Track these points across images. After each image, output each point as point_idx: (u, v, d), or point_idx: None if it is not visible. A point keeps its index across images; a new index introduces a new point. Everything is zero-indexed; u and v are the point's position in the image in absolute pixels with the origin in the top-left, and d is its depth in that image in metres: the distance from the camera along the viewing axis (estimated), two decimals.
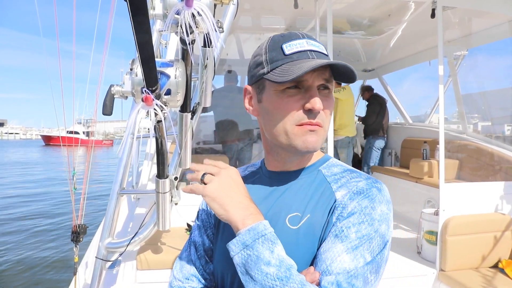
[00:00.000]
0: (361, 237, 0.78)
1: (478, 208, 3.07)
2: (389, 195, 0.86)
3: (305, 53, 0.85)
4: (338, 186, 0.87)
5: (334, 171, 0.92)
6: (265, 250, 0.75)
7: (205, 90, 1.62)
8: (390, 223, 0.83)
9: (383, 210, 0.81)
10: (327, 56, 0.87)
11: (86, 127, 19.33)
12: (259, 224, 0.78)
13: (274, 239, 0.77)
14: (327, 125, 0.88)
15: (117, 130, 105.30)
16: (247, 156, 4.80)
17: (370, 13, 4.05)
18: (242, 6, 3.71)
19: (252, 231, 0.76)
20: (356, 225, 0.79)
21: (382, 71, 6.36)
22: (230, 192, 0.83)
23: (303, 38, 0.87)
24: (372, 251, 0.78)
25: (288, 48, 0.85)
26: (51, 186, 15.61)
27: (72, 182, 2.59)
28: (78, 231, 2.45)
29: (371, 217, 0.80)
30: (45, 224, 9.38)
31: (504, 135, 4.67)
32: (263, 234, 0.76)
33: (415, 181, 4.35)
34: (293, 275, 0.74)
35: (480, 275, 2.82)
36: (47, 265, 6.67)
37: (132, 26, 0.80)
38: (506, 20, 3.69)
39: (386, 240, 0.81)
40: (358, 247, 0.77)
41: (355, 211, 0.80)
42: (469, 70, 5.01)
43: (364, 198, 0.82)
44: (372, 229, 0.79)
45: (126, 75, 1.20)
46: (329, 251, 0.78)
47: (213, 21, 0.90)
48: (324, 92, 0.86)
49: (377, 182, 0.86)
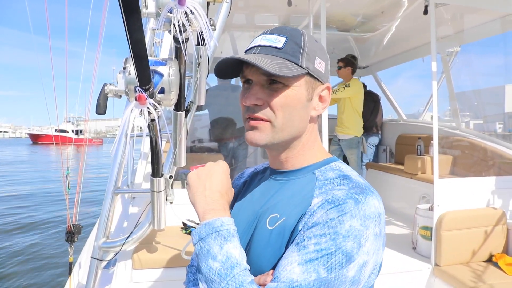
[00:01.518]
0: (319, 250, 0.73)
1: (472, 203, 3.10)
2: (374, 209, 0.78)
3: (252, 49, 0.88)
4: (320, 192, 0.83)
5: (328, 176, 0.88)
6: (215, 245, 0.77)
7: (199, 88, 1.61)
8: (365, 241, 0.75)
9: (353, 226, 0.74)
10: (279, 49, 0.85)
11: (75, 126, 19.10)
12: (216, 220, 0.80)
13: (229, 236, 0.78)
14: (279, 120, 0.86)
15: (109, 129, 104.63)
16: (242, 154, 4.80)
17: (363, 10, 4.06)
18: (236, 4, 3.70)
19: (207, 225, 0.80)
20: (317, 237, 0.74)
21: (376, 68, 6.37)
22: (204, 183, 0.88)
23: (265, 33, 0.90)
24: (329, 267, 0.72)
25: (250, 43, 0.91)
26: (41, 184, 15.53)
27: (66, 182, 2.58)
28: (72, 231, 2.44)
29: (335, 231, 0.73)
30: (38, 223, 9.32)
31: (497, 133, 4.70)
32: (218, 230, 0.78)
33: (409, 177, 4.37)
34: (234, 274, 0.74)
35: (474, 269, 2.84)
36: (41, 265, 6.63)
37: (125, 25, 0.80)
38: (497, 16, 3.72)
39: (352, 259, 0.73)
40: (312, 260, 0.72)
41: (319, 221, 0.76)
42: (461, 67, 5.04)
43: (334, 209, 0.76)
44: (333, 244, 0.73)
45: (119, 74, 1.20)
46: (285, 258, 0.76)
47: (205, 20, 0.91)
48: (274, 86, 0.85)
49: (362, 193, 0.79)
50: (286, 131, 0.88)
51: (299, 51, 0.86)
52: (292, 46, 0.86)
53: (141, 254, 2.36)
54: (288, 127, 0.87)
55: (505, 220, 3.06)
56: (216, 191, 0.87)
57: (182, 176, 3.27)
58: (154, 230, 2.15)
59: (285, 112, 0.86)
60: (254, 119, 0.87)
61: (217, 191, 0.87)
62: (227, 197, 0.90)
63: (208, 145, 5.01)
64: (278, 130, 0.87)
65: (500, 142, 4.05)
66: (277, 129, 0.87)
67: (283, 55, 0.85)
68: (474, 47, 4.82)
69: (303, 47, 0.87)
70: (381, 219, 0.79)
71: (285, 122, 0.87)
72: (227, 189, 0.90)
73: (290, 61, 0.84)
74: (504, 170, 3.75)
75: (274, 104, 0.85)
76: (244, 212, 0.97)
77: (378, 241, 0.78)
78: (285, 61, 0.84)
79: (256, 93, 0.86)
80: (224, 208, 0.85)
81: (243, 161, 4.75)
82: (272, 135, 0.87)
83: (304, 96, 0.88)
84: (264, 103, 0.86)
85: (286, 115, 0.86)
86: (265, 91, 0.86)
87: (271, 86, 0.85)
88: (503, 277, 2.75)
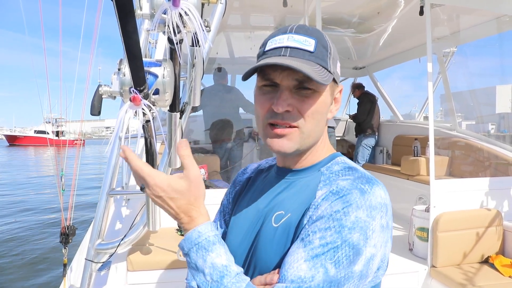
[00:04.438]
0: (325, 245, 0.71)
1: (468, 204, 3.11)
2: (381, 200, 0.77)
3: (280, 49, 0.82)
4: (324, 185, 0.83)
5: (333, 169, 0.87)
6: (198, 259, 0.75)
7: (194, 90, 1.60)
8: (371, 232, 0.73)
9: (359, 217, 0.72)
10: (311, 52, 0.81)
11: (56, 127, 18.77)
12: (192, 232, 0.77)
13: (209, 246, 0.76)
14: (307, 126, 0.83)
15: (95, 130, 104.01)
16: (238, 155, 4.79)
17: (359, 10, 4.07)
18: (232, 5, 3.70)
19: (186, 240, 0.77)
20: (322, 231, 0.72)
21: (373, 68, 6.39)
22: (167, 203, 0.79)
23: (289, 33, 0.83)
24: (337, 262, 0.70)
25: (269, 44, 0.84)
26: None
27: (61, 183, 2.56)
28: (67, 232, 2.42)
29: (340, 224, 0.72)
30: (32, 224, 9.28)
31: (489, 134, 4.73)
32: (196, 243, 0.76)
33: (406, 178, 4.38)
34: (225, 284, 0.72)
35: (470, 270, 2.85)
36: (36, 267, 6.60)
37: (119, 26, 0.80)
38: (493, 17, 3.73)
39: (361, 252, 0.72)
40: (319, 256, 0.71)
41: (324, 214, 0.74)
42: (455, 68, 5.06)
43: (338, 200, 0.75)
44: (339, 237, 0.71)
45: (113, 75, 1.19)
46: (291, 255, 0.74)
47: (200, 21, 0.90)
48: (303, 92, 0.82)
49: (367, 183, 0.78)
50: (312, 137, 0.86)
51: (327, 55, 0.83)
52: (321, 50, 0.83)
53: (136, 256, 2.35)
54: (314, 132, 0.86)
55: (501, 221, 3.07)
56: (180, 202, 0.78)
57: None
58: (149, 231, 2.14)
59: (314, 118, 0.83)
60: (279, 126, 0.82)
61: (181, 200, 0.78)
62: (190, 195, 0.79)
63: (203, 146, 5.01)
64: (306, 136, 0.84)
65: (496, 142, 4.06)
66: (305, 136, 0.84)
67: (315, 60, 0.81)
68: (470, 48, 4.84)
69: (330, 50, 0.84)
70: (388, 210, 0.78)
71: (313, 128, 0.84)
72: (185, 190, 0.78)
73: (321, 66, 0.82)
74: (500, 171, 3.77)
75: (305, 110, 0.82)
76: (249, 210, 0.95)
77: (386, 233, 0.77)
78: (318, 66, 0.81)
79: (287, 99, 0.81)
80: (192, 218, 0.78)
81: (238, 162, 4.75)
82: (300, 142, 0.84)
83: (329, 101, 0.87)
84: (293, 109, 0.82)
85: (315, 121, 0.84)
86: (294, 96, 0.82)
87: (300, 92, 0.82)
88: (499, 278, 2.76)
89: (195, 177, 0.78)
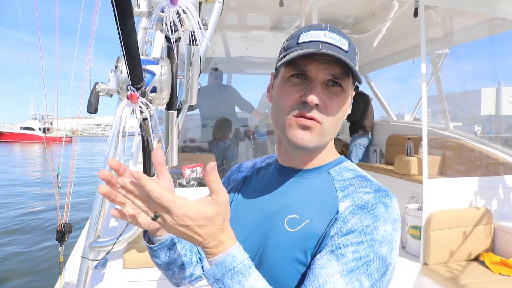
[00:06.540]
0: (358, 259, 0.73)
1: (460, 203, 3.15)
2: (398, 212, 0.80)
3: (317, 43, 0.80)
4: (344, 195, 0.82)
5: (345, 176, 0.87)
6: (235, 285, 0.69)
7: (191, 88, 1.62)
8: (395, 244, 0.77)
9: (386, 231, 0.75)
10: (346, 52, 0.81)
11: (43, 123, 18.36)
12: (226, 257, 0.70)
13: (245, 270, 0.70)
14: (329, 124, 0.83)
15: (85, 127, 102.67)
16: (234, 153, 4.81)
17: (354, 11, 4.10)
18: (228, 4, 3.71)
19: (219, 266, 0.70)
20: (354, 245, 0.74)
21: (367, 69, 6.42)
22: (194, 230, 0.70)
23: (324, 29, 0.83)
24: (370, 275, 0.73)
25: (303, 37, 0.83)
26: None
27: (57, 181, 2.56)
28: (63, 230, 2.43)
29: (372, 238, 0.74)
30: (27, 222, 9.22)
31: (476, 135, 4.80)
32: (231, 267, 0.69)
33: (399, 177, 4.41)
34: None
35: (462, 268, 2.89)
36: (32, 266, 6.56)
37: (117, 24, 0.79)
38: (485, 19, 3.78)
39: (388, 263, 0.75)
40: (354, 270, 0.72)
41: (355, 228, 0.75)
42: (447, 70, 5.11)
43: (367, 215, 0.76)
44: (371, 251, 0.73)
45: (111, 72, 1.20)
46: (324, 267, 0.73)
47: (198, 19, 0.90)
48: (333, 89, 0.82)
49: (387, 196, 0.80)
50: (330, 136, 0.86)
51: (355, 57, 0.84)
52: (352, 52, 0.83)
53: (132, 254, 2.36)
54: (333, 131, 0.86)
55: (490, 219, 3.12)
56: (209, 228, 0.70)
57: (173, 176, 3.27)
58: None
59: (337, 117, 0.84)
60: (307, 118, 0.81)
61: (210, 226, 0.70)
62: (219, 219, 0.71)
63: (199, 145, 5.02)
64: (325, 133, 0.84)
65: (487, 143, 4.12)
66: (324, 133, 0.83)
67: (349, 59, 0.80)
68: (462, 49, 4.90)
69: (357, 53, 0.86)
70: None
71: (333, 126, 0.84)
72: (214, 216, 0.70)
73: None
74: (491, 170, 3.82)
75: (332, 108, 0.82)
76: (250, 210, 0.93)
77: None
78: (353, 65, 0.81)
79: (319, 93, 0.80)
80: (225, 235, 0.72)
81: (234, 160, 4.76)
82: (319, 138, 0.83)
83: (350, 103, 0.89)
84: (322, 104, 0.81)
85: (337, 120, 0.84)
86: (324, 92, 0.81)
87: (330, 88, 0.82)
88: (489, 275, 2.81)
89: (225, 202, 0.71)
